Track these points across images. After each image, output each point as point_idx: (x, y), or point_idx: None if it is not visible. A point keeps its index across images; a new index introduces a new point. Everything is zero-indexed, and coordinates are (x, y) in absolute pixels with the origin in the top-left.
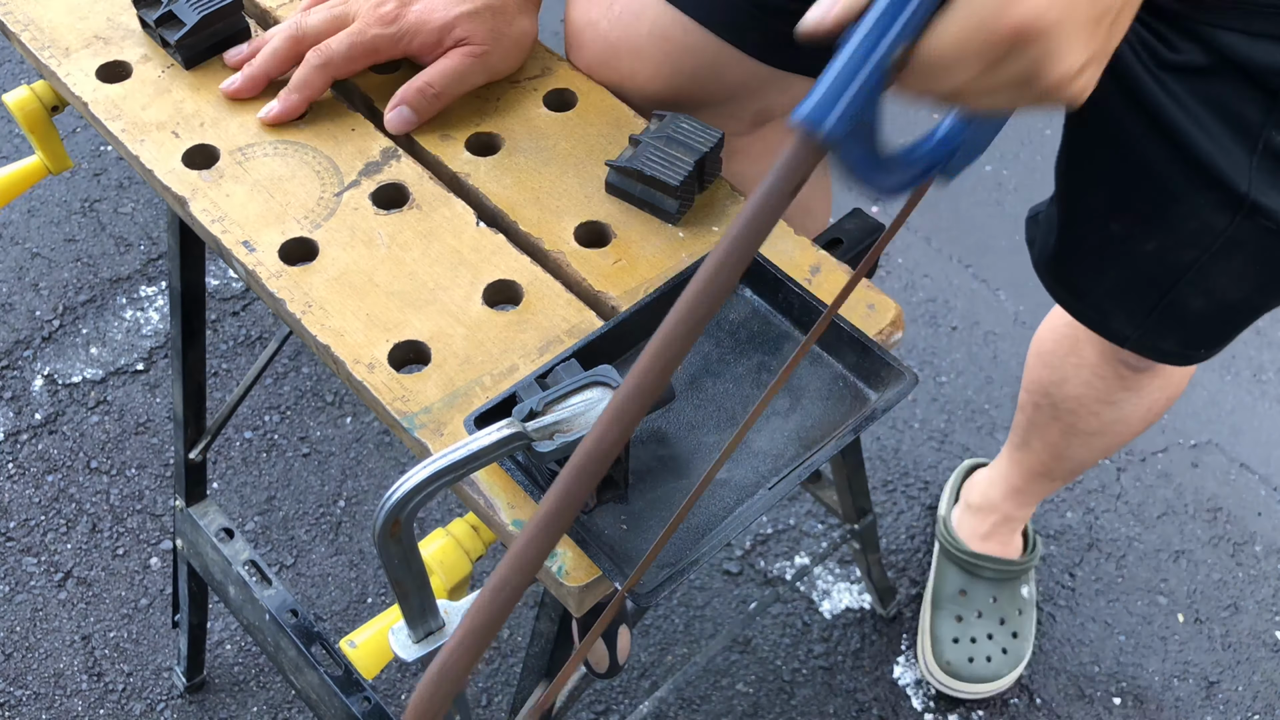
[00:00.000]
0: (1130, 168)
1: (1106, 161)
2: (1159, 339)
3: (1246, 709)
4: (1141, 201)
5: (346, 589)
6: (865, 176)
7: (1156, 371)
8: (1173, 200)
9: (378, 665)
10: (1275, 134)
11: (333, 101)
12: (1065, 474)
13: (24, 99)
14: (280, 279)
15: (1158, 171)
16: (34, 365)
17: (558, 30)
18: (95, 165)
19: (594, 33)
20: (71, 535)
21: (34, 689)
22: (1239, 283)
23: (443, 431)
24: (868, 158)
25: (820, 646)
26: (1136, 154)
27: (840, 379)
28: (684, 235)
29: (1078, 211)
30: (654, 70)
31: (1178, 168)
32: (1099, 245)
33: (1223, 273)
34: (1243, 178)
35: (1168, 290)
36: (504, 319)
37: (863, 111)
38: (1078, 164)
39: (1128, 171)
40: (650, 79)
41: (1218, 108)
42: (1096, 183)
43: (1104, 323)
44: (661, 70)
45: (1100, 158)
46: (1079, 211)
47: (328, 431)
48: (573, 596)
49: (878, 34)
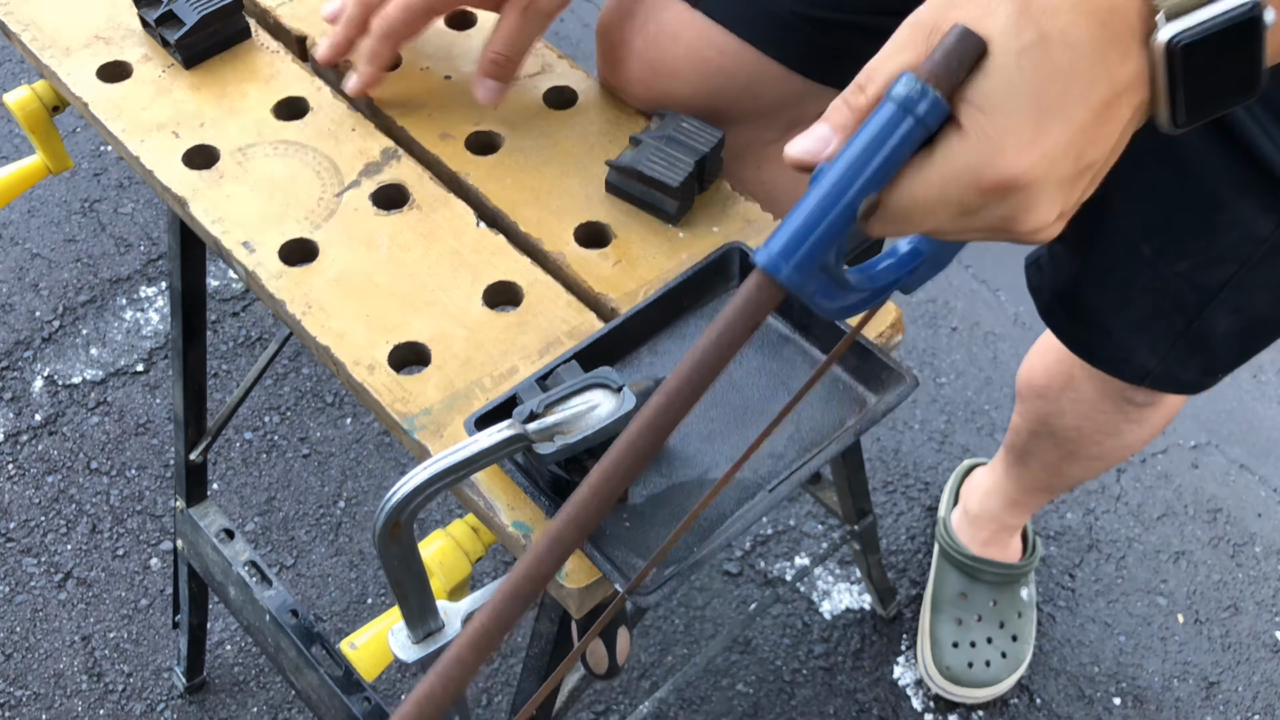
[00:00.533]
0: (1173, 175)
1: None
2: (1180, 370)
3: (1246, 709)
4: (1182, 214)
5: (346, 589)
6: (822, 305)
7: (1162, 401)
8: (1217, 208)
9: (378, 666)
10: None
11: (333, 101)
12: (1065, 488)
13: (25, 99)
14: (280, 280)
15: (1205, 176)
16: (34, 366)
17: (557, 29)
18: (95, 165)
19: (628, 51)
20: (71, 536)
21: (34, 689)
22: (1274, 295)
23: (442, 433)
24: (827, 287)
25: (820, 647)
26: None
27: (840, 381)
28: (684, 236)
29: (1106, 239)
30: (691, 91)
31: (1227, 169)
32: (1127, 274)
33: (1259, 285)
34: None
35: (1195, 316)
36: (504, 320)
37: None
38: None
39: (1170, 181)
40: (688, 100)
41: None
42: (1133, 199)
43: (1124, 361)
44: (699, 91)
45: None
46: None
47: (328, 432)
48: (573, 598)
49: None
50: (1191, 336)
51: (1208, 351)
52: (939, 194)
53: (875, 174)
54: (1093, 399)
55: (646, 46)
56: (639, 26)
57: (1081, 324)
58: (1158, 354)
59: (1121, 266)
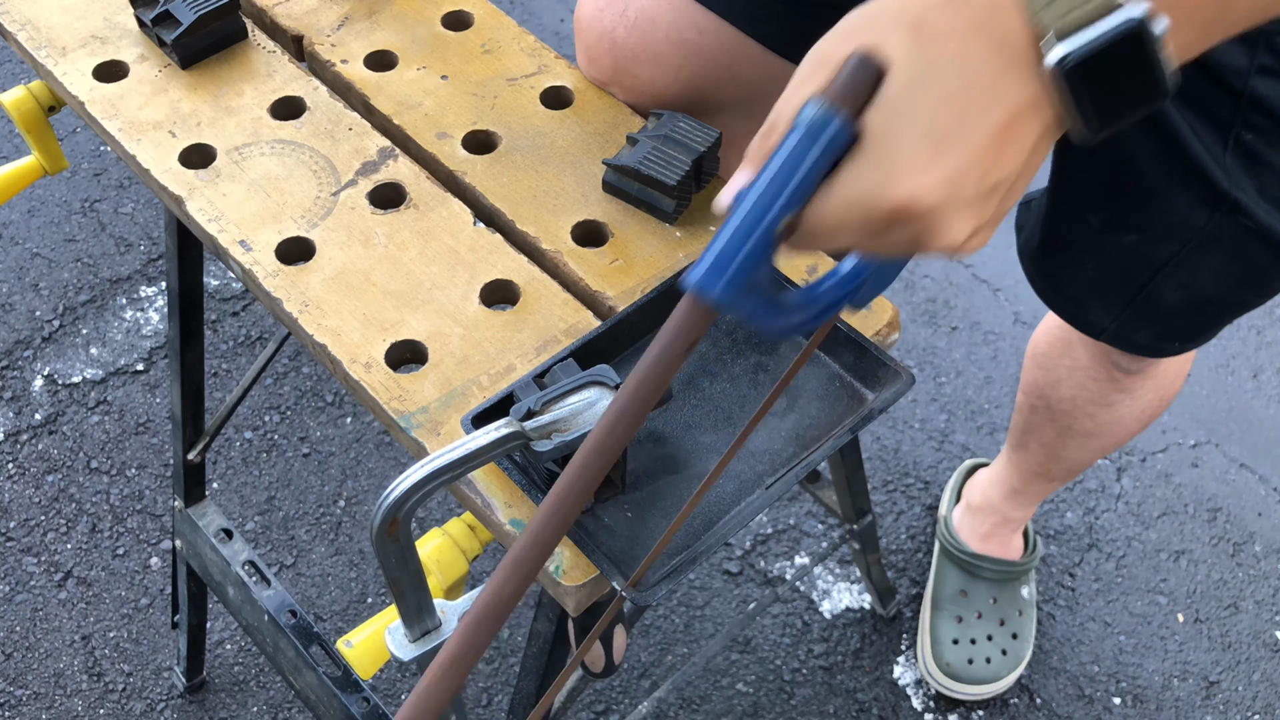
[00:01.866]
0: (1114, 159)
1: (1090, 152)
2: (1134, 332)
3: (1246, 709)
4: (1122, 194)
5: (346, 589)
6: (764, 324)
7: (1149, 373)
8: (1153, 195)
9: (375, 665)
10: (1244, 133)
11: (329, 100)
12: (1063, 474)
13: (20, 99)
14: (277, 278)
15: (1141, 165)
16: (34, 365)
17: (558, 29)
18: (95, 165)
19: (611, 42)
20: (71, 535)
21: (34, 689)
22: (1216, 279)
23: (440, 431)
24: (765, 306)
25: (820, 646)
26: (1121, 146)
27: (837, 379)
28: (680, 234)
29: (1061, 203)
30: (673, 76)
31: (1161, 161)
32: (1078, 238)
33: (1200, 267)
34: (1222, 175)
35: (1145, 284)
36: (501, 318)
37: (753, 273)
38: (1063, 153)
39: (1111, 163)
40: (669, 85)
41: (1197, 104)
42: (1080, 173)
43: (1080, 315)
44: (681, 74)
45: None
46: (1062, 203)
47: (328, 431)
48: (570, 596)
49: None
50: (1141, 304)
51: (1160, 320)
52: (844, 215)
53: (791, 195)
54: (1086, 365)
55: (629, 34)
56: (619, 14)
57: (1043, 276)
58: (1111, 315)
59: (1074, 230)
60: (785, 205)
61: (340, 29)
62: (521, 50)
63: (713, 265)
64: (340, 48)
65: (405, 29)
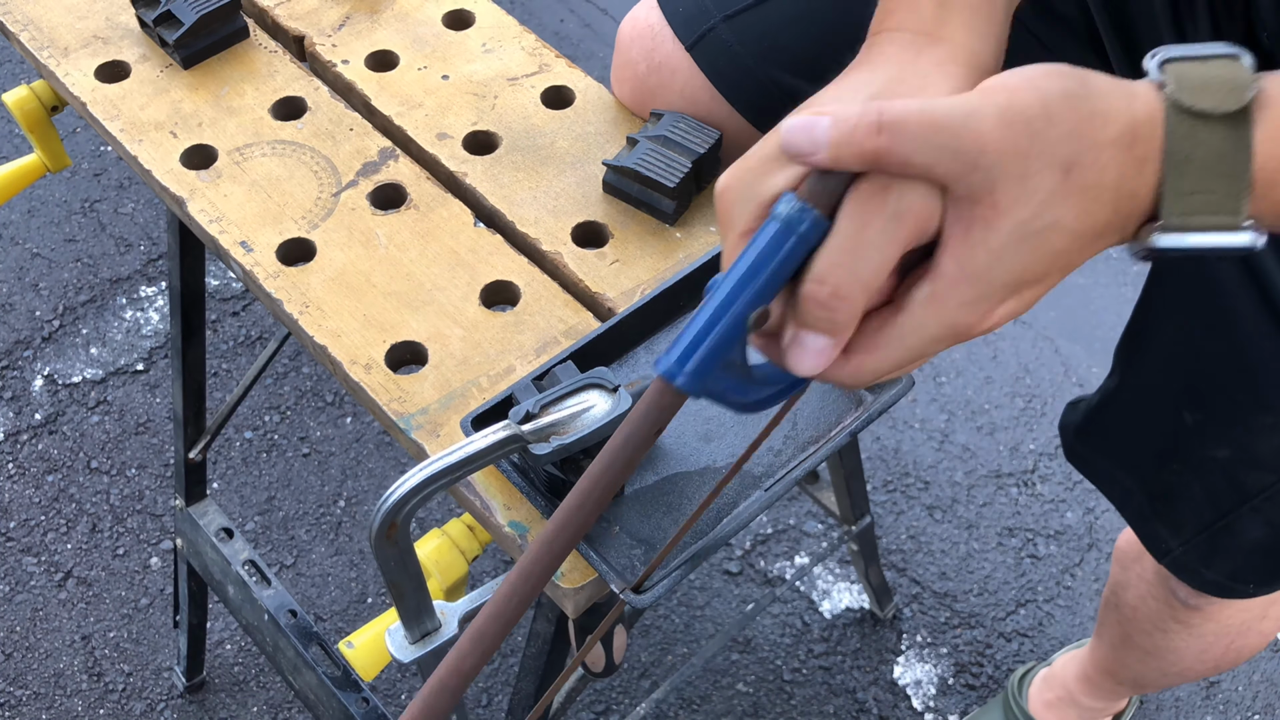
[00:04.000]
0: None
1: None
2: (1203, 564)
3: (1246, 709)
4: (1225, 395)
5: (346, 589)
6: (733, 402)
7: (1211, 614)
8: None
9: (376, 667)
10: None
11: (330, 101)
12: (1130, 682)
13: (23, 98)
14: (278, 279)
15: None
16: (34, 365)
17: (558, 29)
18: (96, 165)
19: (633, 72)
20: (71, 535)
21: (34, 689)
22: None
23: (439, 433)
24: (735, 384)
25: (820, 646)
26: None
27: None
28: (680, 236)
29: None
30: None
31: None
32: (1165, 434)
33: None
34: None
35: (1228, 511)
36: (501, 320)
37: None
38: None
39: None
40: None
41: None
42: (1174, 361)
43: (1148, 523)
44: None
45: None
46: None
47: (328, 431)
48: (569, 598)
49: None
50: (1220, 532)
51: (1236, 557)
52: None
53: (763, 287)
54: (1151, 580)
55: (649, 73)
56: (646, 51)
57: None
58: (1180, 537)
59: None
60: (755, 298)
61: (341, 29)
62: (522, 50)
63: (682, 353)
64: (341, 48)
65: (406, 29)
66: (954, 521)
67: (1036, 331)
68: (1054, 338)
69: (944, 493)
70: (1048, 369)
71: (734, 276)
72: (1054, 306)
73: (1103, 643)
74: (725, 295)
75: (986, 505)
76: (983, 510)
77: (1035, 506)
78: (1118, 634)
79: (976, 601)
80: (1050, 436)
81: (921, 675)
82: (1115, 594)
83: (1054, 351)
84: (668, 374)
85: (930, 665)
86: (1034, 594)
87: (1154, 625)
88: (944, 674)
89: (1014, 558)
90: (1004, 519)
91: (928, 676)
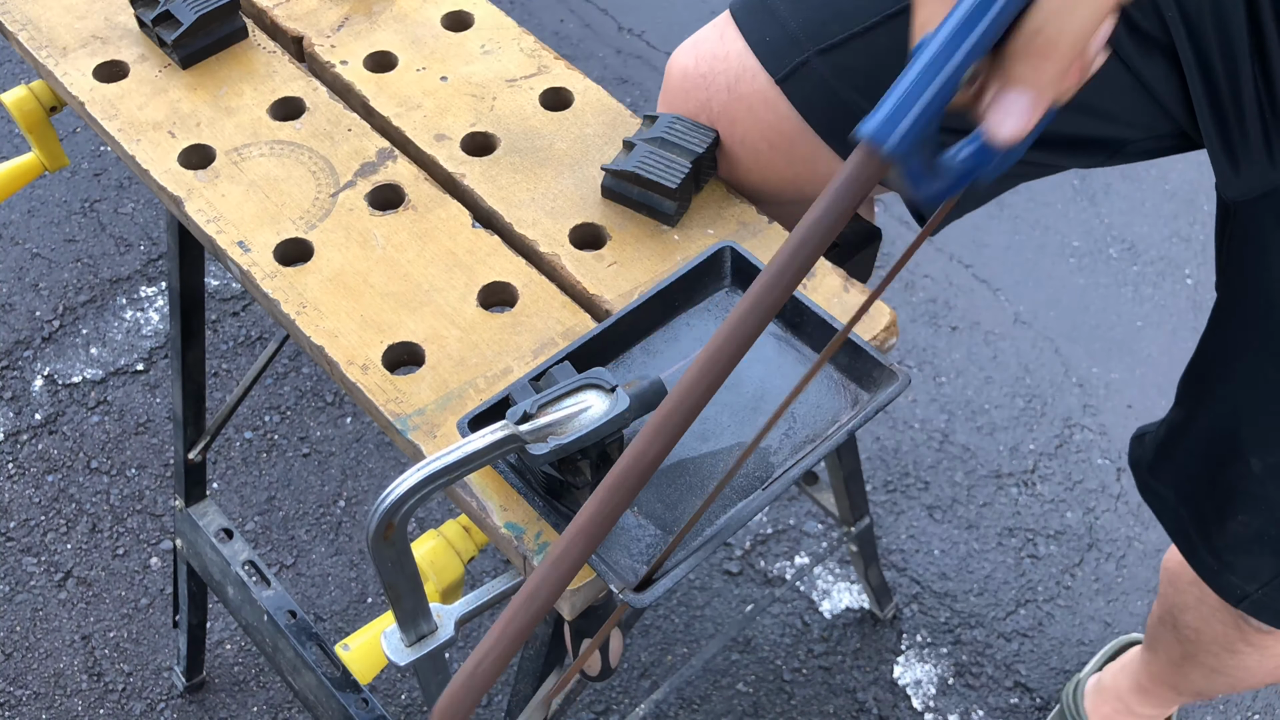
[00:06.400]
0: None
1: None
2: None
3: (1246, 709)
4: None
5: (346, 589)
6: (918, 186)
7: None
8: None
9: (373, 669)
10: None
11: (329, 101)
12: (1191, 694)
13: (22, 98)
14: (275, 280)
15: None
16: (34, 365)
17: (558, 30)
18: (95, 165)
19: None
20: (71, 535)
21: (34, 689)
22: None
23: (436, 434)
24: (924, 167)
25: (820, 646)
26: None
27: (833, 380)
28: (679, 238)
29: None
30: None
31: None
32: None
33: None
34: None
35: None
36: (498, 321)
37: (928, 127)
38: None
39: None
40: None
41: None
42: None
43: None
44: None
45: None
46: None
47: (328, 431)
48: (565, 600)
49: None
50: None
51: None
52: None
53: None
54: (1214, 604)
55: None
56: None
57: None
58: (1258, 581)
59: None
60: (972, 51)
61: (340, 30)
62: (521, 51)
63: (891, 114)
64: (340, 48)
65: (405, 30)
66: (954, 522)
67: (1036, 331)
68: (1054, 338)
69: (944, 493)
70: (1048, 369)
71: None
72: (1054, 306)
73: (1158, 658)
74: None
75: (986, 505)
76: (983, 510)
77: (1035, 506)
78: (1178, 652)
79: (976, 601)
80: (1050, 436)
81: (921, 675)
82: (1171, 614)
83: (1054, 351)
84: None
85: (930, 665)
86: (1034, 594)
87: (1221, 647)
88: (944, 674)
89: (1014, 558)
90: (1004, 519)
91: (928, 676)
